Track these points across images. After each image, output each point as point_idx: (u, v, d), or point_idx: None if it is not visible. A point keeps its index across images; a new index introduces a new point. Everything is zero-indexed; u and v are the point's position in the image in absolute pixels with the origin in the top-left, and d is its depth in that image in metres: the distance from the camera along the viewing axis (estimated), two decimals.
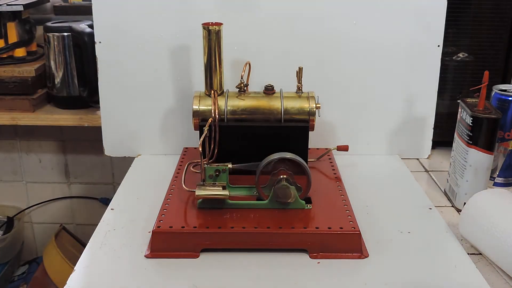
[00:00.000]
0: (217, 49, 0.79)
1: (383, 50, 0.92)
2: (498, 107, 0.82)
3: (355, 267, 0.65)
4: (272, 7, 0.90)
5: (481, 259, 0.67)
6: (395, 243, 0.71)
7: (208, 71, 0.81)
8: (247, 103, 0.80)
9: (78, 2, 1.52)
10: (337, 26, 0.91)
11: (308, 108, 0.80)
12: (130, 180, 0.89)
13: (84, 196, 1.65)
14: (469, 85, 0.83)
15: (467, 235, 0.70)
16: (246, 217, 0.70)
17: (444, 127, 0.97)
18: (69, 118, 1.29)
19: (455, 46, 0.94)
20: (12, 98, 1.29)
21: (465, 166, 0.77)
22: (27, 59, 1.37)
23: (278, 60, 0.92)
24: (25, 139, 1.60)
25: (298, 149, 0.77)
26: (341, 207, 0.73)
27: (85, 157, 1.59)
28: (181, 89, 0.94)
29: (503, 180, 0.86)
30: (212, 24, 0.78)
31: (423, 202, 0.81)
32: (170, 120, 0.96)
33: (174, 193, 0.77)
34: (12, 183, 1.66)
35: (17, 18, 1.36)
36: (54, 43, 1.28)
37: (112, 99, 0.95)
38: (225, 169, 0.73)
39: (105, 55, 0.92)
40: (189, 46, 0.91)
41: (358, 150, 0.94)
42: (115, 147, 0.98)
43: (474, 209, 0.68)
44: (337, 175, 0.84)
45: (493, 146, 0.76)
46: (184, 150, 0.93)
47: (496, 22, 0.92)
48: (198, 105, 0.80)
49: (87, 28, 1.27)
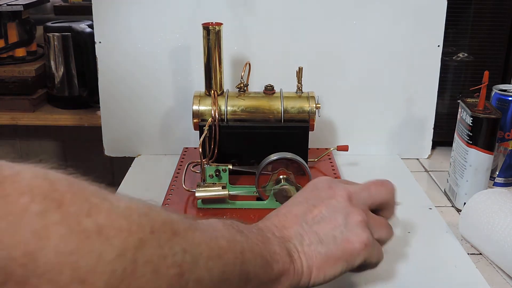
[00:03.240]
0: (217, 49, 0.79)
1: (383, 50, 0.92)
2: (498, 107, 0.82)
3: None
4: (272, 7, 0.90)
5: (481, 259, 0.67)
6: (395, 243, 0.71)
7: (208, 71, 0.81)
8: (247, 103, 0.80)
9: (78, 2, 1.52)
10: (337, 26, 0.91)
11: (308, 108, 0.80)
12: (130, 180, 0.89)
13: None
14: (469, 85, 0.82)
15: (467, 235, 0.70)
16: (246, 217, 0.70)
17: (444, 127, 0.97)
18: (69, 118, 1.29)
19: (455, 46, 0.94)
20: (12, 98, 1.30)
21: (465, 166, 0.77)
22: (27, 59, 1.37)
23: (278, 60, 0.92)
24: (25, 139, 1.61)
25: (298, 149, 0.77)
26: None
27: (85, 157, 1.59)
28: (181, 89, 0.94)
29: (503, 180, 0.86)
30: (212, 24, 0.78)
31: (423, 202, 0.81)
32: (170, 120, 0.96)
33: (174, 193, 0.77)
34: None
35: (17, 18, 1.36)
36: (54, 43, 1.28)
37: (112, 99, 0.95)
38: (225, 169, 0.73)
39: (105, 55, 0.92)
40: (189, 46, 0.91)
41: (358, 150, 0.94)
42: (115, 147, 0.98)
43: (474, 209, 0.68)
44: (337, 175, 0.84)
45: (493, 146, 0.76)
46: (184, 150, 0.93)
47: (496, 22, 0.92)
48: (198, 105, 0.80)
49: (87, 28, 1.27)
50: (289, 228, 0.52)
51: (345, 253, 0.51)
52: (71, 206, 0.34)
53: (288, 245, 0.50)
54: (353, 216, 0.53)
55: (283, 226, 0.52)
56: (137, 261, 0.36)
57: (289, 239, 0.51)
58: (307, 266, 0.50)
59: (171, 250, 0.39)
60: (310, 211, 0.53)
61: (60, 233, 0.33)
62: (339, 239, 0.51)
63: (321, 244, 0.51)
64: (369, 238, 0.52)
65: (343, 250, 0.51)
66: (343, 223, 0.52)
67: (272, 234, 0.51)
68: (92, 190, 0.38)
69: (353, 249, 0.51)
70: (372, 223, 0.54)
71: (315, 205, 0.53)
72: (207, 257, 0.42)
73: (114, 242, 0.35)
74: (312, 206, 0.53)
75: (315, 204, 0.54)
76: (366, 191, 0.56)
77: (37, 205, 0.33)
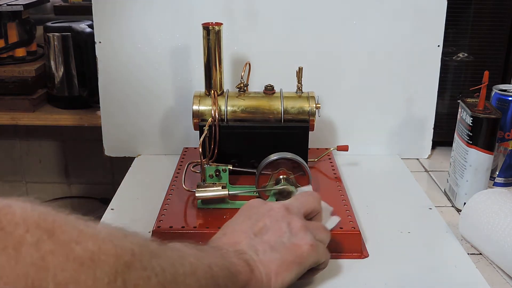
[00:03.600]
0: (217, 49, 0.79)
1: (383, 50, 0.92)
2: (498, 107, 0.82)
3: (355, 267, 0.65)
4: (272, 7, 0.90)
5: (481, 259, 0.67)
6: (395, 243, 0.71)
7: (208, 71, 0.80)
8: (247, 103, 0.80)
9: (78, 2, 1.52)
10: (337, 26, 0.91)
11: (308, 108, 0.80)
12: (130, 180, 0.89)
13: (84, 196, 1.65)
14: (469, 85, 0.82)
15: (467, 235, 0.70)
16: None
17: (444, 127, 0.97)
18: (69, 118, 1.29)
19: (455, 46, 0.94)
20: (12, 98, 1.29)
21: (465, 166, 0.77)
22: (27, 59, 1.37)
23: (278, 60, 0.92)
24: (25, 139, 1.61)
25: (298, 149, 0.77)
26: (341, 207, 0.73)
27: (85, 157, 1.59)
28: (181, 89, 0.94)
29: (503, 180, 0.86)
30: (212, 24, 0.78)
31: (423, 202, 0.81)
32: (170, 120, 0.96)
33: (174, 193, 0.77)
34: (12, 183, 1.66)
35: (17, 18, 1.36)
36: (54, 43, 1.28)
37: (112, 99, 0.95)
38: (225, 169, 0.73)
39: (105, 55, 0.92)
40: (189, 46, 0.91)
41: (358, 150, 0.94)
42: (115, 147, 0.98)
43: (474, 209, 0.68)
44: (337, 175, 0.84)
45: (493, 146, 0.76)
46: (184, 150, 0.93)
47: (496, 22, 0.92)
48: (198, 105, 0.80)
49: (87, 28, 1.27)
50: (240, 242, 0.55)
51: (297, 256, 0.55)
52: (61, 235, 0.36)
53: (244, 257, 0.53)
54: (294, 223, 0.57)
55: (235, 242, 0.55)
56: (126, 285, 0.37)
57: (244, 251, 0.54)
58: (266, 273, 0.53)
59: (153, 271, 0.41)
60: (255, 225, 0.57)
61: (57, 263, 0.34)
62: (288, 244, 0.55)
63: (274, 251, 0.54)
64: (313, 239, 0.56)
65: (294, 254, 0.55)
66: (287, 230, 0.56)
67: (227, 250, 0.53)
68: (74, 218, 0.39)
69: (302, 252, 0.55)
70: (310, 227, 0.58)
71: (258, 220, 0.57)
72: (184, 274, 0.44)
73: (105, 268, 0.36)
74: (255, 220, 0.57)
75: (257, 218, 0.57)
76: (297, 201, 0.61)
77: (32, 235, 0.34)
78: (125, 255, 0.39)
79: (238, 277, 0.50)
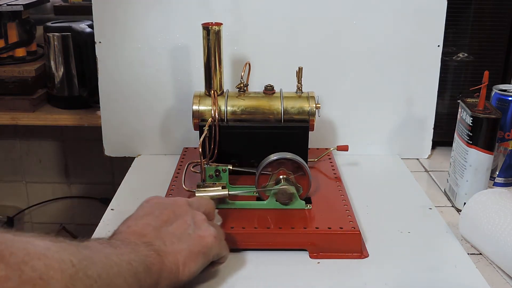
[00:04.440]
0: (217, 49, 0.79)
1: (383, 50, 0.92)
2: (498, 107, 0.82)
3: (355, 267, 0.65)
4: (272, 7, 0.90)
5: (481, 259, 0.67)
6: (395, 243, 0.71)
7: (208, 71, 0.80)
8: (247, 103, 0.80)
9: (78, 2, 1.52)
10: (337, 26, 0.91)
11: (308, 108, 0.80)
12: (130, 180, 0.89)
13: (84, 196, 1.65)
14: (469, 85, 0.82)
15: (467, 235, 0.70)
16: (246, 217, 0.70)
17: (444, 127, 0.97)
18: (69, 118, 1.29)
19: (455, 46, 0.94)
20: (12, 98, 1.29)
21: (465, 166, 0.77)
22: (27, 59, 1.37)
23: (278, 60, 0.92)
24: (25, 139, 1.61)
25: (298, 149, 0.77)
26: (341, 207, 0.73)
27: (85, 157, 1.59)
28: (181, 89, 0.94)
29: (503, 180, 0.86)
30: (212, 24, 0.78)
31: (423, 202, 0.81)
32: (170, 120, 0.96)
33: (174, 193, 0.77)
34: (12, 183, 1.66)
35: (17, 18, 1.36)
36: (54, 43, 1.28)
37: (112, 99, 0.95)
38: (225, 169, 0.73)
39: (105, 55, 0.92)
40: (189, 46, 0.91)
41: (358, 150, 0.94)
42: (115, 147, 0.98)
43: (474, 209, 0.68)
44: (337, 175, 0.84)
45: (493, 146, 0.76)
46: (184, 150, 0.93)
47: (496, 22, 0.92)
48: (198, 105, 0.80)
49: (87, 28, 1.27)
50: (147, 235, 0.55)
51: (202, 247, 0.57)
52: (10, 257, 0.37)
53: (154, 248, 0.53)
54: (197, 216, 0.59)
55: (140, 234, 0.55)
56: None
57: (152, 243, 0.54)
58: (174, 263, 0.54)
59: (93, 278, 0.42)
60: (159, 218, 0.57)
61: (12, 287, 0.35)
62: (193, 235, 0.57)
63: (181, 241, 0.56)
64: (216, 232, 0.59)
65: (200, 245, 0.57)
66: (191, 223, 0.58)
67: (136, 243, 0.53)
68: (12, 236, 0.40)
69: (207, 243, 0.57)
70: (210, 222, 0.61)
71: (161, 213, 0.58)
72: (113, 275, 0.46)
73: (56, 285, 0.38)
74: (159, 213, 0.58)
75: (161, 212, 0.58)
76: (197, 201, 0.64)
77: None
78: (68, 269, 0.40)
79: (152, 269, 0.51)
